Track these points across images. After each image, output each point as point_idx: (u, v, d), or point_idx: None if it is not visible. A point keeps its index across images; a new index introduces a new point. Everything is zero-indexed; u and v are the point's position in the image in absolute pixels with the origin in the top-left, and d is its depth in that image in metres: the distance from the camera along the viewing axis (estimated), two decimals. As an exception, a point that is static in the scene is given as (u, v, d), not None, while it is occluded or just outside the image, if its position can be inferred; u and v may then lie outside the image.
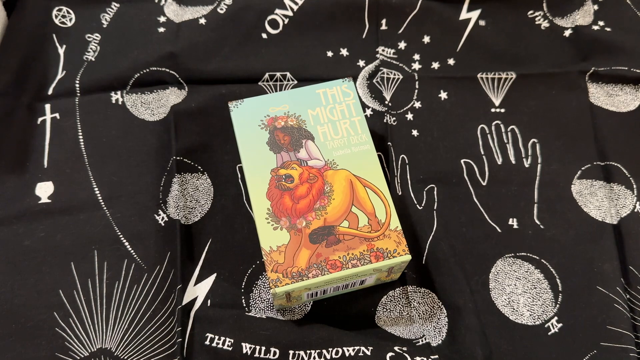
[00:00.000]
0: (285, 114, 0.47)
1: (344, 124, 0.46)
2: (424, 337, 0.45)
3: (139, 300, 0.46)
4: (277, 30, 0.58)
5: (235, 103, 0.47)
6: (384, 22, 0.58)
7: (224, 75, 0.56)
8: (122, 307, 0.46)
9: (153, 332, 0.45)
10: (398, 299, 0.47)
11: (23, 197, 0.50)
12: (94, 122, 0.54)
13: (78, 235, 0.49)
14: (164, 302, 0.46)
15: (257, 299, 0.46)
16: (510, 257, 0.48)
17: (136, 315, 0.46)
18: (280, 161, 0.44)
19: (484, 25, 0.58)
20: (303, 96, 0.48)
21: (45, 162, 0.52)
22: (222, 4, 0.58)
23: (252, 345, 0.43)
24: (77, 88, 0.55)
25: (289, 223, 0.41)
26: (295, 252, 0.40)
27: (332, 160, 0.44)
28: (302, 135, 0.45)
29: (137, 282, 0.47)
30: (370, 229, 0.41)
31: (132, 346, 0.45)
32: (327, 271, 0.40)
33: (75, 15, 0.58)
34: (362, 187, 0.43)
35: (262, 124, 0.46)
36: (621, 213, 0.50)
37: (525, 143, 0.53)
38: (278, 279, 0.39)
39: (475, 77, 0.56)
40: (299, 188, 0.43)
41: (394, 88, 0.55)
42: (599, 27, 0.57)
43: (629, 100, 0.55)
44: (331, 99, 0.47)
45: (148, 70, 0.55)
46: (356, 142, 0.45)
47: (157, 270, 0.47)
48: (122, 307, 0.46)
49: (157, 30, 0.57)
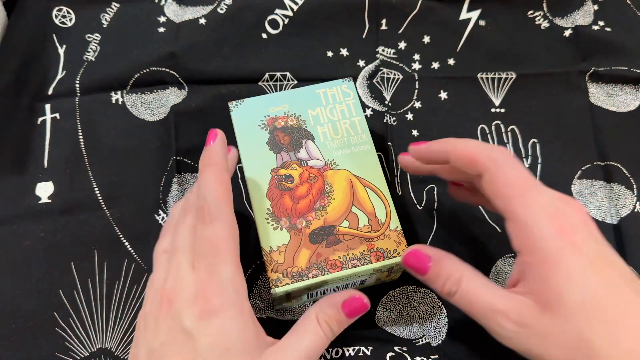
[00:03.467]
0: (285, 114, 0.47)
1: (344, 124, 0.46)
2: (424, 337, 0.45)
3: (139, 300, 0.47)
4: (277, 30, 0.58)
5: (235, 103, 0.47)
6: (384, 22, 0.58)
7: (224, 75, 0.56)
8: (122, 307, 0.46)
9: (153, 332, 0.45)
10: (398, 299, 0.47)
11: (23, 197, 0.50)
12: (94, 122, 0.54)
13: (78, 235, 0.49)
14: (164, 302, 0.46)
15: (257, 299, 0.47)
16: (510, 257, 0.48)
17: (136, 315, 0.46)
18: (280, 161, 0.44)
19: (484, 25, 0.58)
20: (303, 96, 0.48)
21: (45, 162, 0.52)
22: (222, 4, 0.58)
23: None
24: (77, 88, 0.55)
25: (289, 223, 0.41)
26: (295, 252, 0.40)
27: (332, 160, 0.44)
28: (302, 135, 0.45)
29: (137, 282, 0.47)
30: (370, 229, 0.41)
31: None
32: (327, 271, 0.40)
33: (75, 15, 0.58)
34: (362, 187, 0.43)
35: (262, 124, 0.46)
36: (621, 213, 0.50)
37: (525, 143, 0.53)
38: (278, 279, 0.39)
39: (475, 77, 0.56)
40: (299, 188, 0.43)
41: (394, 88, 0.56)
42: (599, 27, 0.57)
43: (629, 100, 0.55)
44: (331, 99, 0.47)
45: (148, 70, 0.55)
46: (356, 142, 0.45)
47: (157, 270, 0.47)
48: (122, 307, 0.46)
49: (157, 30, 0.57)
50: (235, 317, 0.34)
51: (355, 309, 0.37)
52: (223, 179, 0.37)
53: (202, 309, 0.33)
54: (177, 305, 0.34)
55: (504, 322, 0.33)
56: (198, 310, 0.33)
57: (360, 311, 0.38)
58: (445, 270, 0.36)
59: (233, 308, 0.34)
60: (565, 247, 0.32)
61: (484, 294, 0.34)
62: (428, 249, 0.37)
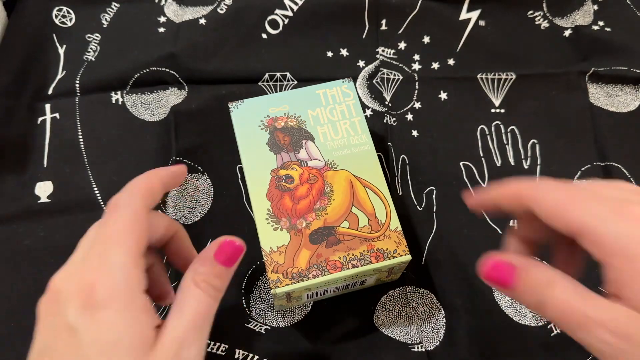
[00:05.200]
0: (285, 115, 0.46)
1: (344, 125, 0.46)
2: (420, 344, 0.45)
3: (139, 300, 0.46)
4: (277, 31, 0.58)
5: (235, 103, 0.47)
6: (384, 22, 0.58)
7: (224, 75, 0.56)
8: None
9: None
10: (397, 299, 0.47)
11: (23, 196, 0.50)
12: (94, 122, 0.54)
13: (78, 235, 0.48)
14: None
15: (257, 299, 0.46)
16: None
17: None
18: (280, 162, 0.44)
19: (483, 25, 0.58)
20: (303, 97, 0.48)
21: (45, 162, 0.52)
22: (222, 4, 0.58)
23: (245, 353, 0.44)
24: (77, 88, 0.55)
25: (289, 223, 0.41)
26: (295, 252, 0.40)
27: (332, 160, 0.44)
28: (302, 135, 0.45)
29: (136, 282, 0.47)
30: (370, 230, 0.41)
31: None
32: (327, 272, 0.40)
33: (75, 15, 0.58)
34: (362, 187, 0.43)
35: (262, 124, 0.46)
36: (621, 213, 0.50)
37: (525, 143, 0.53)
38: (278, 280, 0.39)
39: (475, 78, 0.56)
40: (299, 189, 0.43)
41: (394, 88, 0.55)
42: (598, 27, 0.57)
43: (629, 101, 0.55)
44: (331, 99, 0.47)
45: (148, 70, 0.55)
46: (356, 143, 0.45)
47: (156, 271, 0.47)
48: (122, 307, 0.46)
49: (157, 30, 0.57)
50: (123, 310, 0.30)
51: (230, 255, 0.34)
52: (143, 185, 0.34)
53: (87, 300, 0.29)
54: (62, 298, 0.30)
55: (603, 335, 0.29)
56: (82, 302, 0.29)
57: (236, 255, 0.34)
58: (535, 280, 0.31)
59: (122, 299, 0.30)
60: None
61: (578, 303, 0.30)
62: (511, 257, 0.32)
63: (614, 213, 0.29)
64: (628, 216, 0.29)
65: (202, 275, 0.32)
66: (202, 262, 0.33)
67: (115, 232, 0.31)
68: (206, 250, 0.33)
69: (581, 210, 0.30)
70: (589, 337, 0.29)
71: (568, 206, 0.30)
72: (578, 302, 0.30)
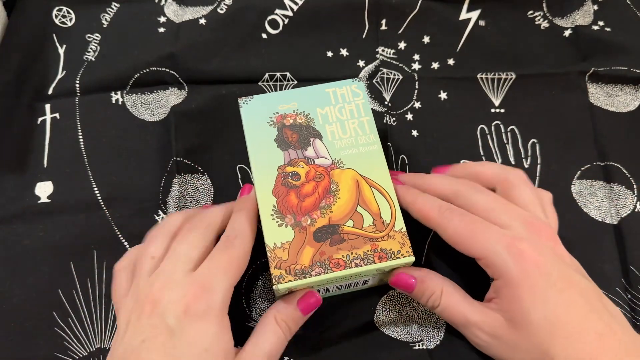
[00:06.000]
0: (294, 112, 0.46)
1: (352, 124, 0.46)
2: (421, 342, 0.45)
3: (140, 300, 0.46)
4: (277, 30, 0.58)
5: (245, 99, 0.47)
6: (384, 22, 0.58)
7: (224, 75, 0.56)
8: (122, 307, 0.46)
9: (153, 332, 0.45)
10: (397, 299, 0.47)
11: (22, 196, 0.50)
12: (94, 122, 0.53)
13: (78, 235, 0.49)
14: (165, 302, 0.46)
15: (258, 299, 0.46)
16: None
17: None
18: (287, 159, 0.44)
19: (484, 25, 0.58)
20: (312, 95, 0.47)
21: (45, 162, 0.51)
22: (222, 4, 0.58)
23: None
24: (77, 88, 0.55)
25: (293, 220, 0.41)
26: (299, 249, 0.40)
27: (339, 159, 0.44)
28: (310, 133, 0.45)
29: (137, 282, 0.47)
30: (374, 229, 0.41)
31: (132, 346, 0.44)
32: (330, 270, 0.39)
33: (75, 15, 0.58)
34: (368, 187, 0.43)
35: (270, 121, 0.46)
36: (621, 213, 0.50)
37: (525, 143, 0.53)
38: (281, 276, 0.39)
39: (475, 78, 0.56)
40: (305, 186, 0.43)
41: (394, 88, 0.56)
42: (598, 27, 0.58)
43: (629, 101, 0.55)
44: (340, 98, 0.47)
45: (148, 71, 0.55)
46: (364, 142, 0.45)
47: (157, 270, 0.47)
48: (123, 307, 0.46)
49: (157, 30, 0.57)
50: (216, 325, 0.36)
51: (310, 305, 0.40)
52: (252, 221, 0.42)
53: (188, 308, 0.35)
54: (163, 304, 0.36)
55: (478, 333, 0.39)
56: (183, 308, 0.35)
57: (314, 306, 0.41)
58: (429, 288, 0.41)
59: (217, 315, 0.36)
60: (529, 270, 0.37)
61: (461, 307, 0.40)
62: (413, 270, 0.42)
63: (504, 247, 0.37)
64: (515, 252, 0.37)
65: (283, 315, 0.39)
66: (285, 304, 0.40)
67: (227, 266, 0.38)
68: (292, 295, 0.40)
69: (480, 243, 0.39)
70: (469, 334, 0.40)
71: (469, 239, 0.39)
72: (461, 307, 0.40)
